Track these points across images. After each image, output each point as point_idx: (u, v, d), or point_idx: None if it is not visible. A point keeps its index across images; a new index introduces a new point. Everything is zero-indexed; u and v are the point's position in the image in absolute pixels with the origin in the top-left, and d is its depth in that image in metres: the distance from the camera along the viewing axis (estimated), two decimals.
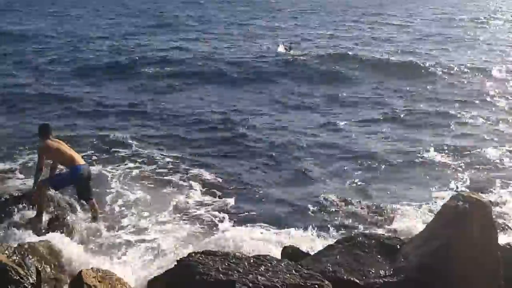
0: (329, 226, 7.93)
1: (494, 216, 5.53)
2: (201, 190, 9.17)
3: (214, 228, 7.85)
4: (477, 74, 18.64)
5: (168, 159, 10.53)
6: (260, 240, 7.39)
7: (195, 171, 9.97)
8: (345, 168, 10.19)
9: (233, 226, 7.92)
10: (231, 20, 36.91)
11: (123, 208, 8.34)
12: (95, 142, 11.46)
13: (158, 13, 41.73)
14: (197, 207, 8.54)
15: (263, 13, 42.82)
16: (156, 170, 9.97)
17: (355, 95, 15.91)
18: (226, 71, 19.17)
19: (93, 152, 10.87)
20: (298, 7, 46.73)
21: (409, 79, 17.73)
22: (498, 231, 5.48)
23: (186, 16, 39.04)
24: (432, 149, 11.10)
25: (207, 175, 9.77)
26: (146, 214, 8.14)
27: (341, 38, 28.12)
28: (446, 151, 10.98)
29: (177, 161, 10.43)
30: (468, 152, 10.91)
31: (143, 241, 7.33)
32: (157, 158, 10.61)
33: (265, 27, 33.56)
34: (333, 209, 8.51)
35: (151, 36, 28.71)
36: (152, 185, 9.26)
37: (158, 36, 28.84)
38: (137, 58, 21.37)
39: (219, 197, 8.94)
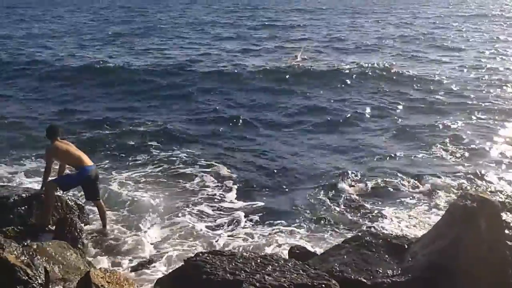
0: (336, 225, 7.92)
1: (502, 216, 5.49)
2: (209, 191, 9.21)
3: (222, 227, 7.87)
4: (481, 76, 18.52)
5: (175, 161, 10.63)
6: (267, 240, 7.41)
7: (203, 173, 10.04)
8: (351, 170, 10.13)
9: (241, 225, 7.94)
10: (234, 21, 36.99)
11: (131, 208, 8.39)
12: (98, 144, 11.61)
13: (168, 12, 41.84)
14: (205, 206, 8.58)
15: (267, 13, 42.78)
16: (165, 171, 10.07)
17: (356, 103, 15.79)
18: (237, 74, 19.20)
19: (101, 152, 11.01)
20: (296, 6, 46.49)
21: (412, 86, 17.53)
22: (506, 230, 5.43)
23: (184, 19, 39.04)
24: (436, 150, 11.11)
25: (215, 177, 9.83)
26: (154, 214, 8.19)
27: (344, 41, 28.05)
28: (450, 153, 10.94)
29: (184, 164, 10.51)
30: (475, 153, 10.87)
31: (151, 240, 7.36)
32: (166, 159, 10.72)
33: (269, 28, 33.60)
34: (340, 209, 8.49)
35: (155, 39, 28.88)
36: (160, 186, 9.32)
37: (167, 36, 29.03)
38: (137, 60, 21.49)
39: (227, 197, 8.98)
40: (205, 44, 26.88)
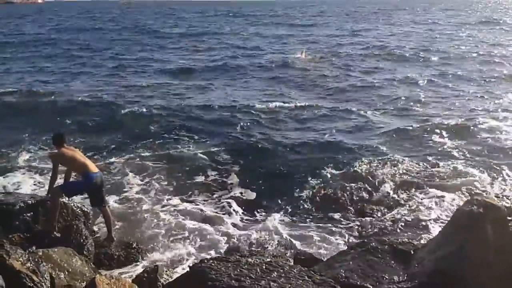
0: (342, 231, 7.90)
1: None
2: (212, 196, 9.25)
3: (227, 232, 7.86)
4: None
5: (180, 163, 10.68)
6: (272, 246, 7.39)
7: (207, 176, 10.09)
8: (357, 176, 10.11)
9: (245, 231, 7.93)
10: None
11: (135, 215, 8.41)
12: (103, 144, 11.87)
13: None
14: (209, 211, 8.59)
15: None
16: (169, 172, 10.12)
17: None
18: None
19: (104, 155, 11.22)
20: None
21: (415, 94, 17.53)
22: None
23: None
24: (442, 157, 11.11)
25: (221, 181, 9.89)
26: (157, 220, 8.20)
27: (350, 46, 28.21)
28: (456, 159, 10.91)
29: (191, 170, 10.59)
30: (480, 159, 10.83)
31: (155, 247, 7.37)
32: (169, 159, 10.83)
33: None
34: (346, 215, 8.47)
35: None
36: (162, 190, 9.37)
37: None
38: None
39: (230, 202, 9.00)
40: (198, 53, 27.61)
